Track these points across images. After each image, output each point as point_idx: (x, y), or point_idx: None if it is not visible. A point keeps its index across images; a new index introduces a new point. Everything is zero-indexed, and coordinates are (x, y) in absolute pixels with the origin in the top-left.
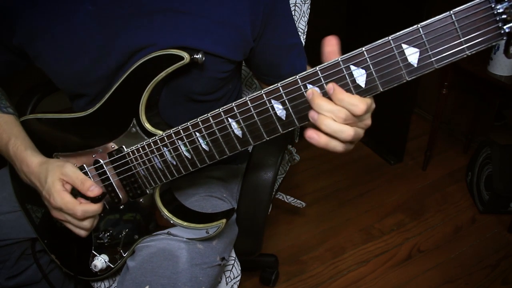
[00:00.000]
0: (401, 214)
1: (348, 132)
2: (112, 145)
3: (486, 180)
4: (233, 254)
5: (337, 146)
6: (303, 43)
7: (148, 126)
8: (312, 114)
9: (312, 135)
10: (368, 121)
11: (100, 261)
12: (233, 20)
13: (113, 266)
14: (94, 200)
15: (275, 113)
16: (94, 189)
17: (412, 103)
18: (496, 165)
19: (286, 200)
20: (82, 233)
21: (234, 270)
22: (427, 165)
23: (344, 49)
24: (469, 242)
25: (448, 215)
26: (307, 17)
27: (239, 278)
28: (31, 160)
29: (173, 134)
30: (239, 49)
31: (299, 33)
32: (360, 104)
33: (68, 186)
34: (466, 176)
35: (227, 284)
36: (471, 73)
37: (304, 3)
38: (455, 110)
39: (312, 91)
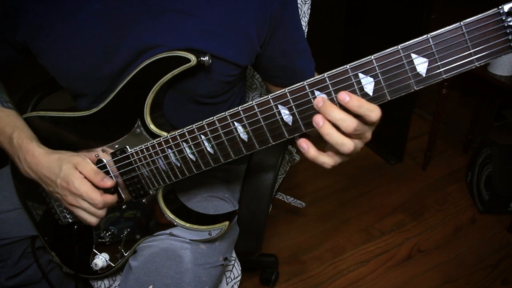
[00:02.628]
0: (401, 214)
1: (348, 145)
2: (116, 145)
3: (486, 180)
4: (234, 254)
5: (326, 162)
6: None
7: (152, 127)
8: (317, 120)
9: (302, 144)
10: (369, 134)
11: (101, 259)
12: (240, 25)
13: (113, 265)
14: (107, 191)
15: (282, 119)
16: (107, 181)
17: (412, 103)
18: (496, 165)
19: (286, 200)
20: (94, 220)
21: (235, 270)
22: (427, 165)
23: (344, 50)
24: (469, 242)
25: (448, 215)
26: (307, 17)
27: (239, 278)
28: (38, 151)
29: (178, 136)
30: (245, 54)
31: None
32: (377, 110)
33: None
34: (466, 176)
35: (227, 284)
36: (471, 73)
37: (305, 4)
38: (455, 110)
39: (322, 99)
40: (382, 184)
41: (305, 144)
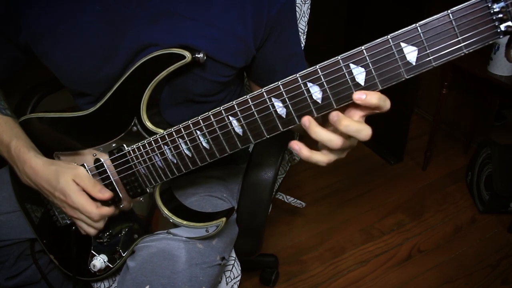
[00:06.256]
0: (401, 214)
1: (336, 141)
2: (113, 144)
3: (486, 180)
4: (233, 254)
5: (320, 160)
6: (303, 43)
7: (149, 124)
8: (304, 121)
9: (294, 146)
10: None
11: (99, 261)
12: (236, 29)
13: (112, 266)
14: (104, 203)
15: (276, 111)
16: (104, 193)
17: (412, 103)
18: (496, 165)
19: (286, 200)
20: (92, 231)
21: (234, 270)
22: (427, 165)
23: (344, 49)
24: (469, 242)
25: (448, 215)
26: (307, 17)
27: (239, 278)
28: (35, 161)
29: (174, 133)
30: (241, 57)
31: (299, 33)
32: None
33: (81, 187)
34: (466, 176)
35: (227, 284)
36: (471, 73)
37: (304, 3)
38: (455, 110)
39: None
40: (382, 184)
41: (296, 146)
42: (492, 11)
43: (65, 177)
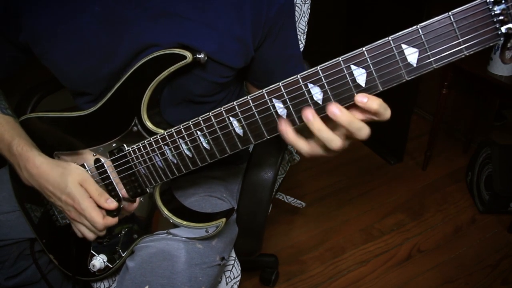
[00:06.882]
0: (401, 214)
1: (337, 142)
2: (113, 144)
3: (486, 180)
4: (233, 254)
5: (303, 149)
6: (303, 43)
7: (149, 125)
8: (307, 115)
9: (281, 127)
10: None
11: (99, 261)
12: (235, 29)
13: (111, 266)
14: (109, 213)
15: (276, 112)
16: (110, 203)
17: (412, 103)
18: (496, 165)
19: (286, 200)
20: (92, 237)
21: (234, 270)
22: (427, 165)
23: (344, 50)
24: (469, 242)
25: (448, 215)
26: (307, 17)
27: (239, 278)
28: (39, 160)
29: (174, 133)
30: (240, 57)
31: (299, 33)
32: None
33: (88, 193)
34: (466, 176)
35: (227, 284)
36: (471, 73)
37: (304, 3)
38: (455, 110)
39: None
40: (382, 184)
41: (283, 127)
42: (493, 13)
43: (73, 181)
